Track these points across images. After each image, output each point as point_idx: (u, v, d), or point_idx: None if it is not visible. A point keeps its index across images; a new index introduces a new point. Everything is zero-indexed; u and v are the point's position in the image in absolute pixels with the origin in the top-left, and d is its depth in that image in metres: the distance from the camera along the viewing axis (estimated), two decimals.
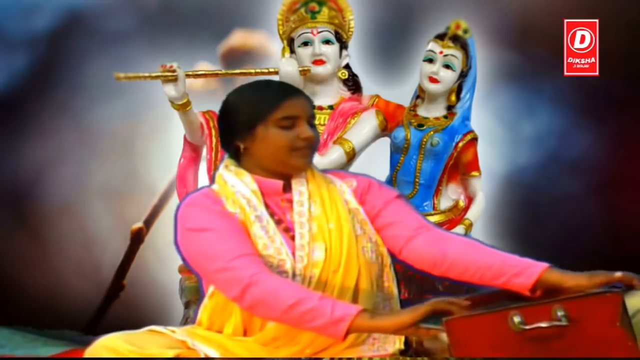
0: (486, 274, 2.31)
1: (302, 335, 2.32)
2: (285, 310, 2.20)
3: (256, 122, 2.38)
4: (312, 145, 2.40)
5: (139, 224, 4.79)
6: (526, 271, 2.28)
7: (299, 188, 2.41)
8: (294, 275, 2.32)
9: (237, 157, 2.44)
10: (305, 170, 2.42)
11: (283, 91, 2.43)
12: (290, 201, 2.40)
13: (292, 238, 2.36)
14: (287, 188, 2.42)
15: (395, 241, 2.43)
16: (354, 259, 2.36)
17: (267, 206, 2.39)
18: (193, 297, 3.66)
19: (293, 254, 2.33)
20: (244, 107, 2.41)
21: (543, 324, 2.12)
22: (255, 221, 2.35)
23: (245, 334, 2.38)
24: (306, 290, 2.27)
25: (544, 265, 2.29)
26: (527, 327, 2.12)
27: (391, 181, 3.65)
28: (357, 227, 2.41)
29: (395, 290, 2.45)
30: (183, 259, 2.38)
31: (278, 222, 2.38)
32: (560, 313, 2.12)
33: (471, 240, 2.45)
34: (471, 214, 3.62)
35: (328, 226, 2.37)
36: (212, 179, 3.55)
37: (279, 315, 2.23)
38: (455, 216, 3.63)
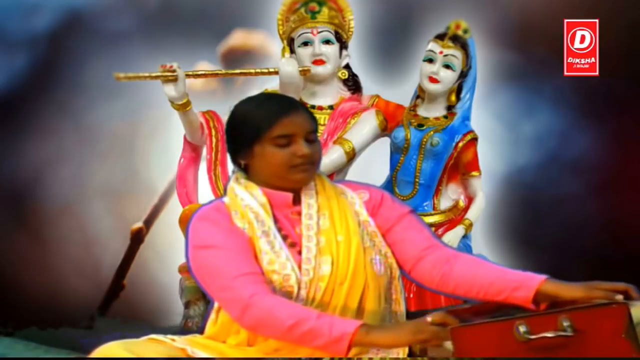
0: (489, 291, 2.34)
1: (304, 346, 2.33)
2: (285, 332, 2.22)
3: (253, 140, 2.38)
4: (311, 161, 2.39)
5: (139, 224, 4.79)
6: (525, 284, 2.29)
7: (308, 201, 2.41)
8: (299, 289, 2.32)
9: (245, 171, 2.45)
10: (306, 183, 2.42)
11: (279, 109, 2.40)
12: (300, 214, 2.40)
13: (299, 252, 2.36)
14: (297, 200, 2.42)
15: (405, 261, 2.45)
16: (361, 271, 2.36)
17: (276, 220, 2.39)
18: (193, 297, 3.66)
19: (299, 267, 2.33)
20: (243, 124, 2.42)
21: (548, 334, 2.11)
22: (261, 236, 2.35)
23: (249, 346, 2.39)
24: (303, 309, 2.27)
25: (541, 277, 2.30)
26: (533, 336, 2.12)
27: (391, 181, 3.65)
28: (367, 239, 2.42)
29: (402, 302, 2.46)
30: (193, 276, 2.39)
31: (285, 237, 2.37)
32: (565, 323, 2.11)
33: (475, 258, 2.47)
34: (471, 214, 3.62)
35: (336, 239, 2.37)
36: (212, 179, 3.58)
37: (280, 336, 2.25)
38: (455, 216, 3.63)
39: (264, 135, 2.37)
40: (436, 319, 2.16)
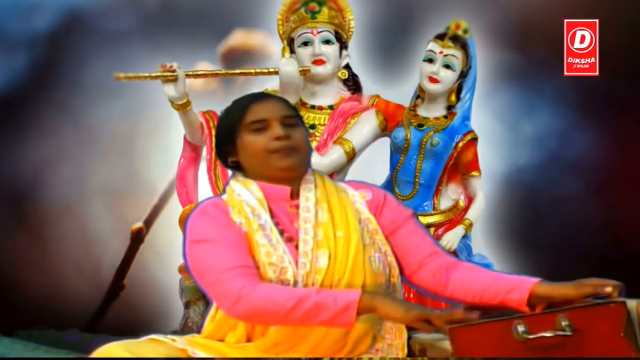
0: (485, 295, 2.35)
1: (303, 342, 2.34)
2: (287, 314, 2.22)
3: (233, 134, 2.43)
4: (291, 145, 2.40)
5: (139, 224, 4.79)
6: (519, 287, 2.31)
7: (307, 194, 2.42)
8: (295, 282, 2.32)
9: (238, 170, 2.47)
10: (294, 171, 2.42)
11: (250, 98, 2.47)
12: (298, 207, 2.40)
13: (296, 247, 2.36)
14: (296, 195, 2.42)
15: (407, 265, 2.47)
16: (360, 267, 2.37)
17: (273, 214, 2.40)
18: (193, 297, 3.67)
19: (296, 262, 2.34)
20: (222, 122, 2.49)
21: (547, 334, 2.12)
22: (258, 229, 2.36)
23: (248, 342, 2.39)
24: (299, 289, 2.29)
25: (535, 279, 2.32)
26: (531, 336, 2.12)
27: (391, 181, 3.65)
28: (367, 236, 2.42)
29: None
30: (189, 270, 2.39)
31: (282, 232, 2.38)
32: (564, 323, 2.12)
33: (473, 265, 2.49)
34: (471, 214, 3.62)
35: (336, 234, 2.38)
36: (212, 180, 3.59)
37: (281, 320, 2.26)
38: (455, 216, 3.63)
39: (239, 125, 2.42)
40: (442, 317, 2.15)
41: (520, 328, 2.13)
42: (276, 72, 3.55)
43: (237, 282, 2.26)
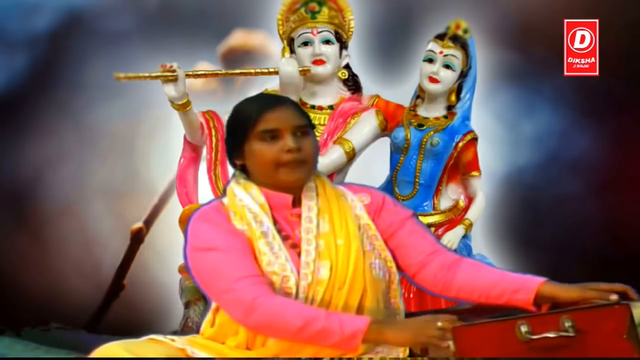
0: (491, 294, 2.36)
1: (304, 351, 2.33)
2: (294, 333, 2.22)
3: (242, 139, 2.38)
4: (302, 159, 2.36)
5: (139, 224, 4.79)
6: (525, 287, 2.32)
7: (309, 203, 2.40)
8: (297, 292, 2.32)
9: (244, 173, 2.45)
10: (299, 184, 2.40)
11: (263, 104, 2.40)
12: (300, 216, 2.39)
13: (299, 254, 2.35)
14: (297, 202, 2.40)
15: (409, 266, 2.46)
16: (360, 276, 2.36)
17: (275, 221, 2.38)
18: (193, 297, 3.66)
19: (298, 271, 2.33)
20: (232, 124, 2.43)
21: (550, 334, 2.12)
22: (261, 237, 2.34)
23: (248, 349, 2.39)
24: (310, 309, 2.27)
25: (541, 279, 2.33)
26: (534, 336, 2.12)
27: (391, 181, 3.65)
28: (367, 242, 2.41)
29: (401, 306, 2.47)
30: (191, 275, 2.39)
31: (285, 238, 2.36)
32: (567, 324, 2.12)
33: (477, 262, 2.49)
34: (471, 214, 3.62)
35: (336, 243, 2.36)
36: (212, 180, 3.58)
37: (288, 337, 2.26)
38: (455, 216, 3.63)
39: (250, 132, 2.37)
40: (445, 324, 2.15)
41: (524, 328, 2.13)
42: (276, 72, 3.55)
43: (249, 291, 2.25)
